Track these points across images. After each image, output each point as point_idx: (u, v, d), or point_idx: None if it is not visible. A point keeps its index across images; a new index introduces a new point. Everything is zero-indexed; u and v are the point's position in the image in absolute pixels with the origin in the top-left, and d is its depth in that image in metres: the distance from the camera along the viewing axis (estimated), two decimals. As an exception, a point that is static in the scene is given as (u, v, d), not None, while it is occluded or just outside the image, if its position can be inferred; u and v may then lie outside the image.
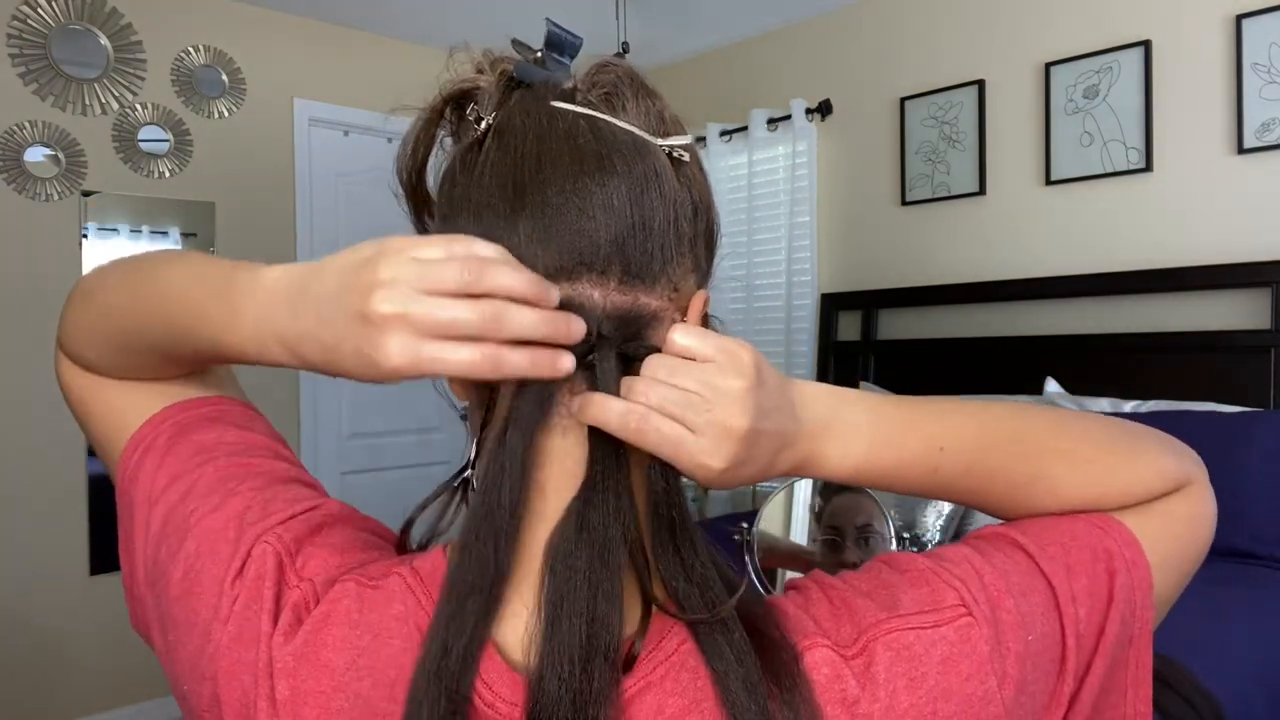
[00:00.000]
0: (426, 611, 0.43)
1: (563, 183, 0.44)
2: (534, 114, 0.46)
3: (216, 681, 0.44)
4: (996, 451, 0.49)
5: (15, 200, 2.80)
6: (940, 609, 0.43)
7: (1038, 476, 0.50)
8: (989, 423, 0.50)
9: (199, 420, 0.53)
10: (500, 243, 0.43)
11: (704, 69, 3.87)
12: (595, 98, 0.47)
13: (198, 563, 0.46)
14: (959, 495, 0.51)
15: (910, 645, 0.42)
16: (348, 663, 0.42)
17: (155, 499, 0.49)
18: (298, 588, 0.45)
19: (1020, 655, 0.43)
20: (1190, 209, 2.60)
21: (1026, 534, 0.49)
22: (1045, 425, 0.51)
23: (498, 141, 0.46)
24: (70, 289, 0.56)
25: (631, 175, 0.45)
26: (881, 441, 0.48)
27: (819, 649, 0.42)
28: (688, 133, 0.50)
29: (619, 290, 0.45)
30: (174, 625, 0.46)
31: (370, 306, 0.39)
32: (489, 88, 0.48)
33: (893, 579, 0.46)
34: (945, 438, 0.49)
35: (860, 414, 0.48)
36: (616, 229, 0.44)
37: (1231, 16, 2.50)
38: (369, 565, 0.46)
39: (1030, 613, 0.45)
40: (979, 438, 0.49)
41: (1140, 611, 0.48)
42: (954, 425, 0.49)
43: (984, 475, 0.50)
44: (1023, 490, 0.50)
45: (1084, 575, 0.47)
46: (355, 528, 0.50)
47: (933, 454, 0.49)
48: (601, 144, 0.45)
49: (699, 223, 0.49)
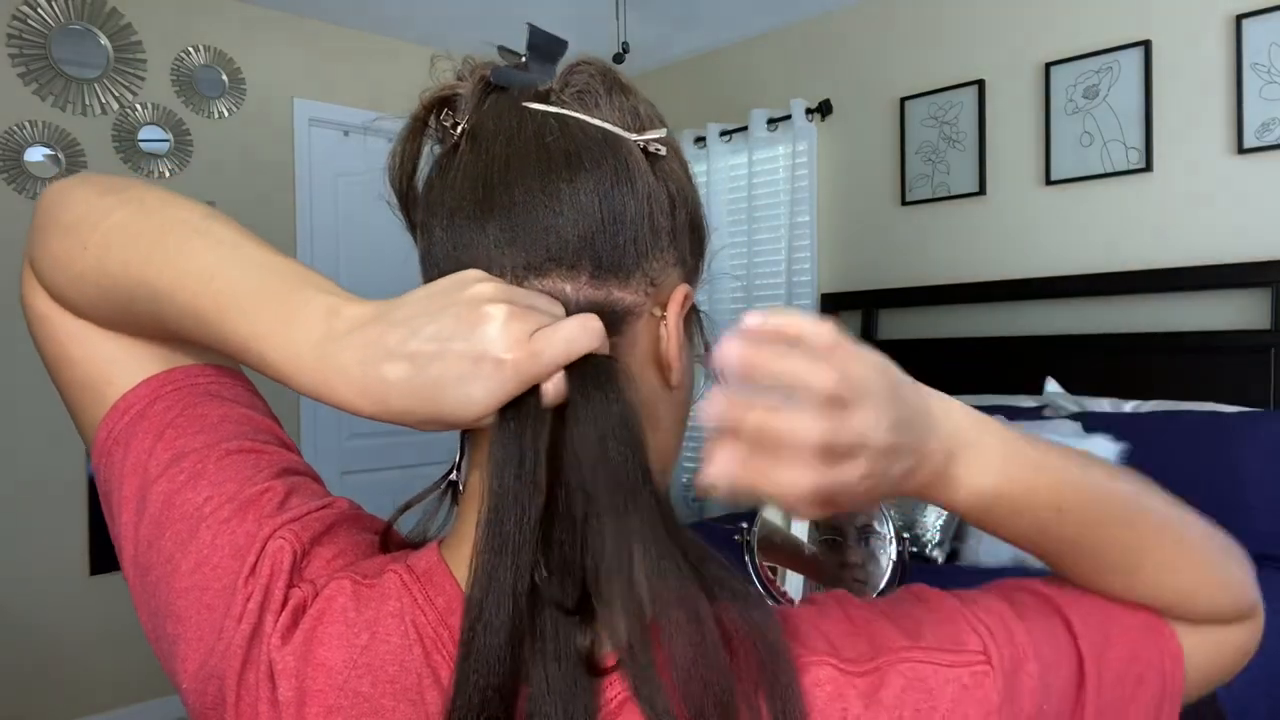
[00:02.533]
0: (424, 609, 0.43)
1: (530, 182, 0.44)
2: (505, 116, 0.46)
3: (224, 680, 0.43)
4: (1107, 529, 0.46)
5: (15, 200, 2.80)
6: (961, 650, 0.42)
7: (1133, 569, 0.47)
8: (1110, 494, 0.46)
9: (202, 394, 0.50)
10: (470, 245, 0.44)
11: (704, 69, 3.87)
12: (568, 97, 0.47)
13: (213, 555, 0.44)
14: (1046, 557, 0.48)
15: (925, 678, 0.41)
16: (346, 661, 0.42)
17: (154, 476, 0.47)
18: (299, 588, 0.44)
19: (1031, 717, 0.43)
20: (1190, 209, 2.60)
21: (1078, 612, 0.47)
22: (1159, 517, 0.47)
23: (470, 145, 0.46)
24: (44, 199, 0.49)
25: (600, 171, 0.44)
26: (1010, 479, 0.43)
27: (822, 667, 0.41)
28: (665, 127, 0.49)
29: (591, 285, 0.44)
30: (176, 618, 0.45)
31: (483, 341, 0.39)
32: (466, 93, 0.48)
33: (919, 612, 0.45)
34: (1065, 495, 0.45)
35: (995, 440, 0.43)
36: (585, 224, 0.44)
37: (1231, 16, 2.50)
38: (362, 562, 0.46)
39: (1052, 686, 0.44)
40: (1096, 507, 0.46)
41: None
42: (1076, 483, 0.45)
43: (1084, 549, 0.47)
44: (1108, 576, 0.48)
45: (1112, 671, 0.46)
46: (361, 529, 0.50)
47: (1051, 510, 0.44)
48: (570, 141, 0.45)
49: (677, 215, 0.48)
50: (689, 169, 0.51)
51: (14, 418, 2.79)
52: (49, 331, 0.50)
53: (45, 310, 0.50)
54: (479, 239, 0.44)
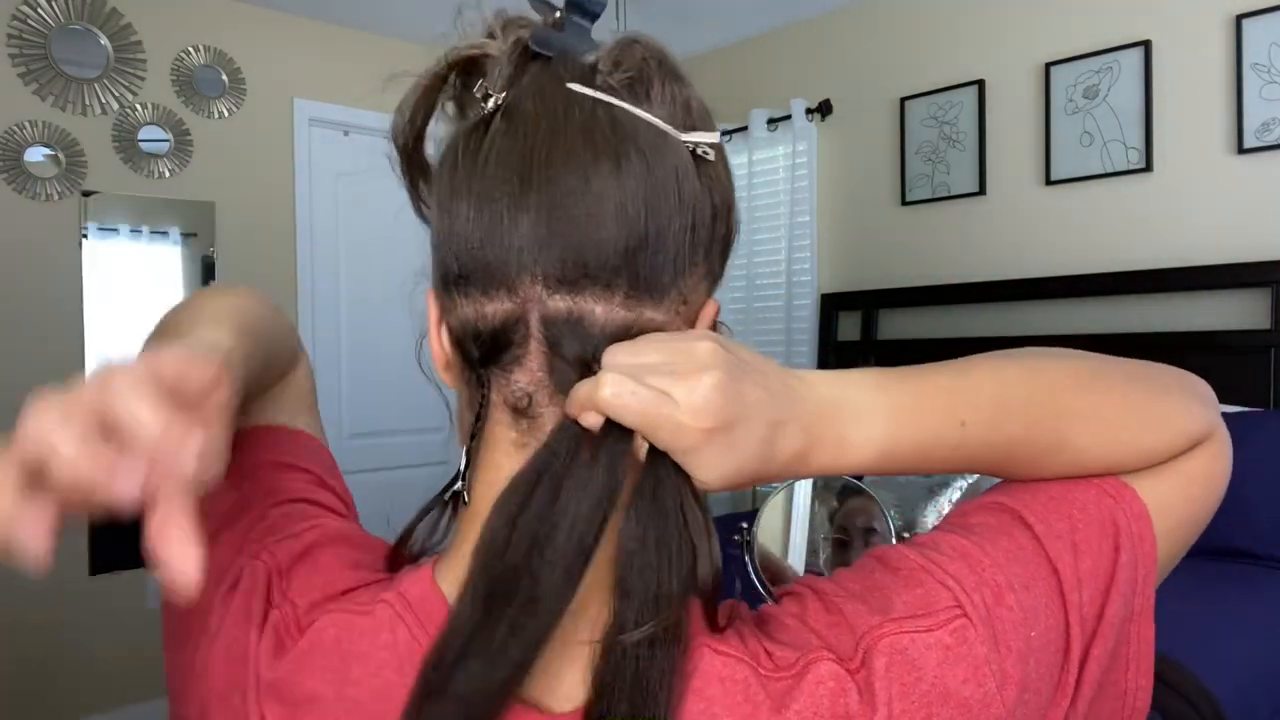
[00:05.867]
0: (418, 640, 0.41)
1: (573, 181, 0.40)
2: (548, 98, 0.42)
3: (206, 703, 0.43)
4: (1016, 419, 0.45)
5: (15, 200, 2.80)
6: (934, 612, 0.41)
7: (1060, 444, 0.46)
8: (1007, 386, 0.46)
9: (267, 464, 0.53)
10: (499, 240, 0.41)
11: (704, 69, 3.87)
12: (618, 83, 0.43)
13: (204, 579, 0.45)
14: (983, 468, 0.48)
15: (905, 649, 0.40)
16: (336, 694, 0.41)
17: None
18: (279, 608, 0.44)
19: (1022, 653, 0.41)
20: (1190, 209, 2.60)
21: (1033, 508, 0.46)
22: (1065, 384, 0.46)
23: (506, 124, 0.42)
24: None
25: (651, 178, 0.41)
26: (902, 422, 0.44)
27: (824, 663, 0.40)
28: (714, 127, 0.46)
29: (624, 305, 0.41)
30: (173, 643, 0.46)
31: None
32: (500, 57, 0.43)
33: (885, 579, 0.43)
34: (965, 409, 0.45)
35: (872, 394, 0.44)
36: (628, 237, 0.40)
37: (1231, 16, 2.50)
38: (355, 592, 0.45)
39: (1034, 606, 0.42)
40: (997, 406, 0.45)
41: (1142, 587, 0.46)
42: (971, 394, 0.45)
43: (1005, 446, 0.46)
44: (1046, 458, 0.47)
45: (1089, 555, 0.44)
46: (348, 547, 0.48)
47: (954, 430, 0.44)
48: (621, 140, 0.41)
49: (718, 228, 0.45)
50: (732, 175, 0.48)
51: (14, 418, 2.78)
52: None
53: None
54: (510, 236, 0.40)
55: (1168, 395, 0.49)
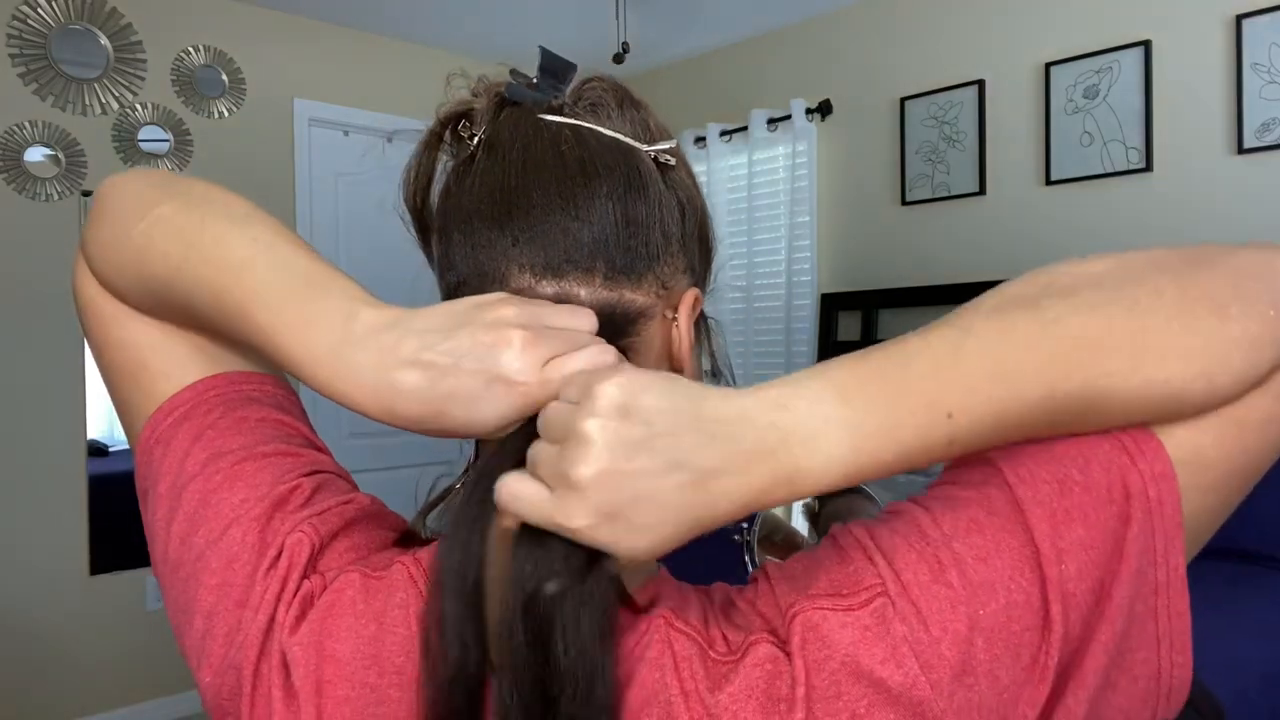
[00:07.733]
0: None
1: (547, 188, 0.46)
2: (522, 126, 0.48)
3: (241, 670, 0.44)
4: (1028, 391, 0.38)
5: (15, 200, 2.80)
6: (857, 591, 0.40)
7: (1087, 408, 0.39)
8: (1009, 358, 0.38)
9: (243, 398, 0.52)
10: (489, 247, 0.46)
11: (704, 69, 3.87)
12: (582, 109, 0.49)
13: (242, 552, 0.46)
14: (993, 448, 0.42)
15: (817, 625, 0.40)
16: (354, 651, 0.43)
17: (191, 474, 0.48)
18: (310, 579, 0.45)
19: (963, 634, 0.38)
20: (1190, 209, 2.60)
21: (1021, 465, 0.41)
22: (1092, 337, 0.38)
23: (487, 154, 0.48)
24: (99, 189, 0.52)
25: (613, 178, 0.47)
26: (869, 434, 0.38)
27: (763, 645, 0.41)
28: (673, 140, 0.52)
29: (605, 286, 0.47)
30: (205, 614, 0.46)
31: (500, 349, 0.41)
32: (482, 108, 0.50)
33: (825, 557, 0.43)
34: (953, 399, 0.38)
35: (828, 409, 0.38)
36: (600, 228, 0.46)
37: (1231, 16, 2.50)
38: (373, 555, 0.47)
39: (988, 582, 0.39)
40: (997, 383, 0.38)
41: (1164, 558, 0.40)
42: (961, 379, 0.38)
43: (1018, 431, 0.40)
44: (1071, 426, 0.41)
45: (1080, 523, 0.39)
46: (380, 525, 0.51)
47: (940, 424, 0.38)
48: (585, 150, 0.47)
49: (687, 223, 0.51)
50: (697, 181, 0.53)
51: (15, 418, 2.79)
52: (95, 315, 0.53)
53: (93, 295, 0.53)
54: (498, 241, 0.46)
55: (1225, 317, 0.39)
